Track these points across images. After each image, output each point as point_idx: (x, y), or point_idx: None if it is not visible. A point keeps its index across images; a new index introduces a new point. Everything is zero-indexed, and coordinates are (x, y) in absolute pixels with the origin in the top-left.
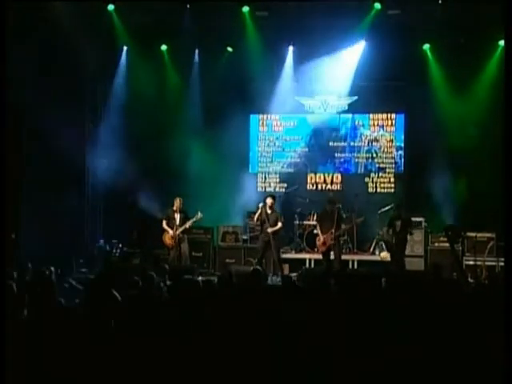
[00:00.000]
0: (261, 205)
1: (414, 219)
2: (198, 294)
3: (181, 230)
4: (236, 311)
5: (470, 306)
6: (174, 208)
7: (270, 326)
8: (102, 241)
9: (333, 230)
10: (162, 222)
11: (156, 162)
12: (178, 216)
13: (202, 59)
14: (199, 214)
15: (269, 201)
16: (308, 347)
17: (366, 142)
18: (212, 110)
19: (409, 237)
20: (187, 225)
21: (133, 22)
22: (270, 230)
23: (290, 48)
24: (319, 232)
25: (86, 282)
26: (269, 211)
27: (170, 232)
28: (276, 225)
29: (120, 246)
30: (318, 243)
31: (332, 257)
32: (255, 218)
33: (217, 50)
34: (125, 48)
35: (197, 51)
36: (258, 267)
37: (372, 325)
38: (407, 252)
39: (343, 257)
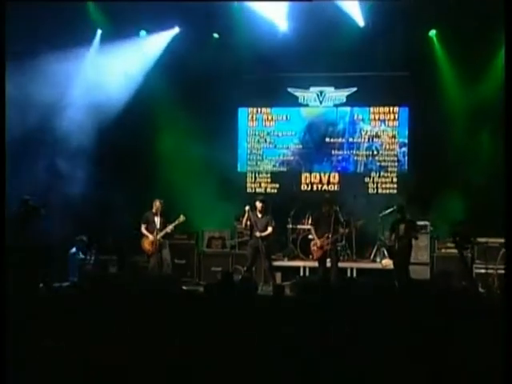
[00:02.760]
0: (247, 208)
1: (418, 223)
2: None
3: (161, 234)
4: (222, 325)
5: (480, 318)
6: (154, 211)
7: (259, 343)
8: (74, 248)
9: (329, 235)
10: (140, 226)
11: (132, 161)
12: (157, 219)
13: (185, 46)
14: (182, 217)
15: (258, 205)
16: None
17: (366, 138)
18: (196, 102)
19: (413, 242)
20: (168, 229)
21: (110, 4)
22: (258, 234)
23: (281, 33)
24: (314, 236)
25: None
26: (259, 215)
27: (150, 237)
28: (266, 229)
29: (95, 252)
30: (312, 248)
31: (329, 264)
32: (243, 223)
33: (201, 36)
34: (99, 31)
35: (178, 37)
36: (248, 275)
37: (378, 341)
38: (410, 259)
39: (340, 264)
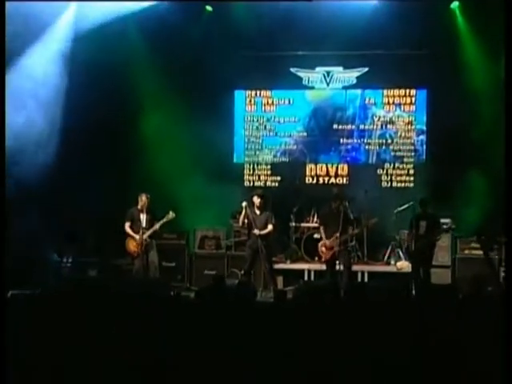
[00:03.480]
0: (244, 204)
1: (443, 220)
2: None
3: (148, 233)
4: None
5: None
6: (139, 207)
7: (258, 357)
8: (48, 249)
9: (338, 234)
10: (124, 225)
11: (113, 150)
12: (143, 217)
13: (174, 19)
14: (171, 214)
15: (256, 201)
16: None
17: (379, 124)
18: (186, 84)
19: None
20: (156, 227)
21: None
22: (257, 232)
23: (283, 5)
24: (323, 235)
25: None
26: (257, 212)
27: (135, 236)
28: (266, 227)
29: (72, 254)
30: (321, 249)
31: (339, 267)
32: (240, 221)
33: (192, 8)
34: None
35: (167, 9)
36: (246, 280)
37: (393, 355)
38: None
39: (352, 267)
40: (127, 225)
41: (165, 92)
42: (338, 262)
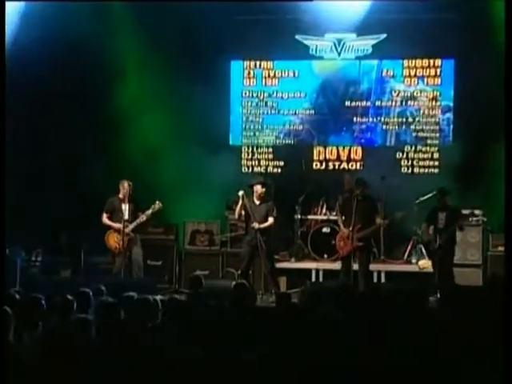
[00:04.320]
0: (241, 193)
1: (465, 211)
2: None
3: (131, 227)
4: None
5: None
6: (121, 195)
7: (259, 371)
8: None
9: (359, 227)
10: (102, 216)
11: (88, 126)
12: (126, 207)
13: None
14: (157, 205)
15: (256, 189)
16: None
17: (399, 100)
18: (174, 53)
19: (459, 236)
20: (140, 220)
21: None
22: (257, 226)
23: None
24: (342, 226)
25: None
26: (257, 202)
27: (116, 230)
28: (266, 220)
29: (41, 252)
30: (338, 243)
31: (355, 266)
32: (236, 213)
33: None
34: None
35: None
36: (243, 281)
37: (415, 365)
38: (457, 259)
39: None
40: (106, 216)
41: (149, 62)
42: (354, 259)
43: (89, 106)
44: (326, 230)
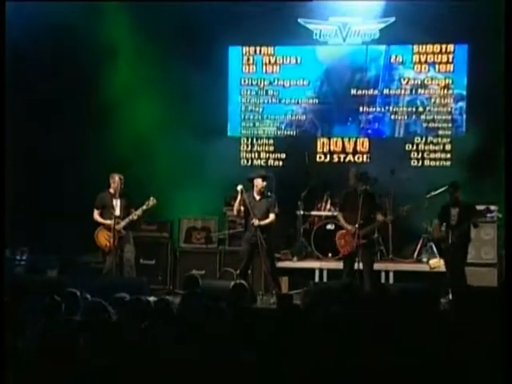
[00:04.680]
0: (239, 188)
1: (479, 207)
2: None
3: (123, 224)
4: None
5: None
6: (112, 190)
7: (259, 377)
8: None
9: (360, 223)
10: (92, 213)
11: (76, 116)
12: (117, 203)
13: None
14: (151, 200)
15: (256, 183)
16: None
17: (408, 88)
18: (170, 40)
19: (472, 233)
20: (133, 216)
21: None
22: (256, 222)
23: None
24: (343, 222)
25: None
26: (256, 197)
27: (106, 227)
28: (267, 216)
29: (27, 250)
30: (339, 242)
31: (358, 265)
32: (235, 209)
33: None
34: None
35: None
36: (242, 282)
37: (426, 373)
38: (470, 258)
39: (375, 266)
40: (96, 213)
41: (142, 48)
42: (357, 258)
43: (78, 94)
44: (330, 226)
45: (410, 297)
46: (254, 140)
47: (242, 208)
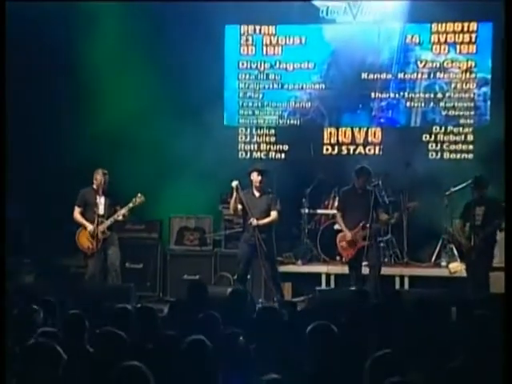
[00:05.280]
0: (234, 184)
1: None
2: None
3: (107, 224)
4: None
5: None
6: (95, 186)
7: None
8: None
9: (366, 224)
10: (73, 211)
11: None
12: (101, 200)
13: None
14: (139, 198)
15: (255, 179)
16: None
17: (426, 72)
18: (158, 17)
19: (499, 235)
20: (118, 215)
21: None
22: (255, 221)
23: None
24: (342, 225)
25: None
26: (256, 194)
27: (89, 227)
28: (267, 215)
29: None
30: (340, 245)
31: (366, 269)
32: (231, 207)
33: None
34: None
35: None
36: (240, 288)
37: None
38: (496, 262)
39: (386, 270)
40: (78, 211)
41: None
42: (365, 262)
43: (58, 75)
44: (337, 227)
45: (426, 305)
46: (254, 130)
47: (240, 206)
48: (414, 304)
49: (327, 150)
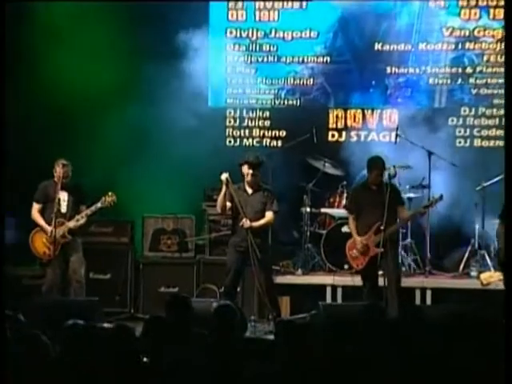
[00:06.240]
0: (224, 177)
1: None
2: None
3: (70, 226)
4: None
5: None
6: (55, 179)
7: None
8: None
9: (381, 226)
10: (30, 207)
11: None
12: (63, 197)
13: None
14: (110, 196)
15: (247, 171)
16: None
17: (453, 42)
18: None
19: None
20: (83, 216)
21: None
22: (247, 224)
23: None
24: (353, 229)
25: None
26: (248, 189)
27: (48, 230)
28: (262, 215)
29: None
30: (350, 253)
31: (381, 280)
32: (218, 205)
33: None
34: None
35: None
36: (228, 303)
37: None
38: None
39: (405, 281)
40: (36, 208)
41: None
42: (380, 271)
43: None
44: (346, 229)
45: (454, 323)
46: (244, 112)
47: (229, 204)
48: (439, 323)
49: (333, 136)
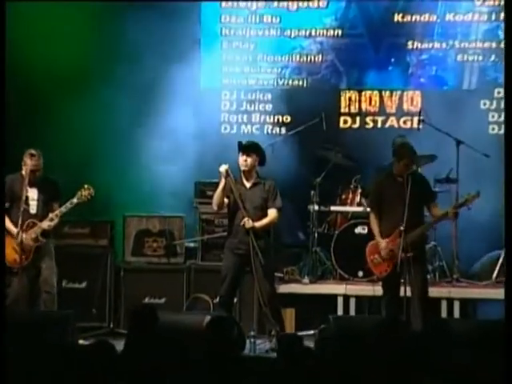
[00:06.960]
0: (223, 168)
1: None
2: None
3: (44, 226)
4: None
5: None
6: (23, 172)
7: None
8: None
9: (407, 225)
10: None
11: None
12: (32, 195)
13: None
14: (86, 190)
15: (245, 162)
16: None
17: (485, 12)
18: None
19: None
20: (58, 213)
21: None
22: (250, 223)
23: None
24: (375, 230)
25: None
26: (247, 183)
27: (15, 232)
28: (262, 214)
29: None
30: (371, 258)
31: (406, 290)
32: (214, 202)
33: None
34: None
35: None
36: (224, 315)
37: None
38: None
39: (431, 291)
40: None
41: None
42: (403, 280)
43: None
44: (361, 230)
45: (486, 339)
46: (242, 94)
47: (226, 200)
48: (468, 339)
49: (345, 122)
